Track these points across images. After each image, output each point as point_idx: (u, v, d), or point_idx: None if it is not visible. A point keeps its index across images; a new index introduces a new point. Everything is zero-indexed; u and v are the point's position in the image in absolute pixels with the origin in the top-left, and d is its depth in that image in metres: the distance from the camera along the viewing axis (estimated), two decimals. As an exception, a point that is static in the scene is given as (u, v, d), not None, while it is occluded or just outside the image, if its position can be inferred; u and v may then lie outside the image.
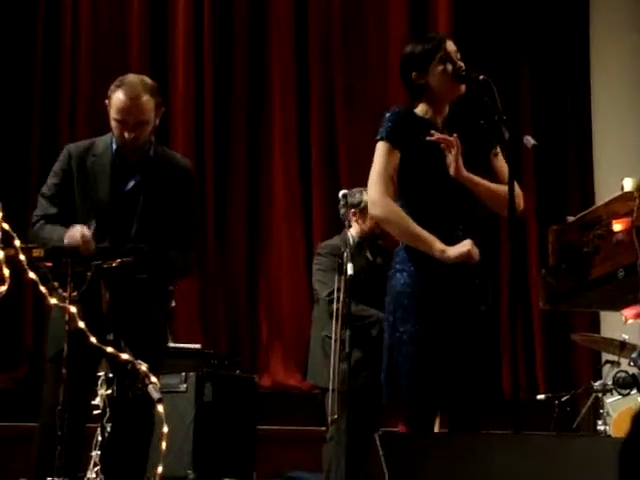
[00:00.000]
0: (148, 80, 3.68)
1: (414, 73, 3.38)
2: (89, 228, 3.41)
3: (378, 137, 3.37)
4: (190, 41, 7.52)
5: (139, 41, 7.45)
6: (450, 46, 3.38)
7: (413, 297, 3.25)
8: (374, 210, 3.36)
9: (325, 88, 7.81)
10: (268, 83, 7.71)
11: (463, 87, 3.35)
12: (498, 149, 3.44)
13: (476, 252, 3.25)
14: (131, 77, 3.66)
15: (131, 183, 3.65)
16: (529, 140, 3.12)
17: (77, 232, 3.39)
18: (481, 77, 3.26)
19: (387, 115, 3.38)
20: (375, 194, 3.32)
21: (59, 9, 7.24)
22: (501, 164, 3.43)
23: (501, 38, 8.18)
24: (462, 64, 3.34)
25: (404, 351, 3.23)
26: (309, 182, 7.67)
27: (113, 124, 3.63)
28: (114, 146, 3.67)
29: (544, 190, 7.87)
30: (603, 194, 6.77)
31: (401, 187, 3.37)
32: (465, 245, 3.23)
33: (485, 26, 8.09)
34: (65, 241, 3.40)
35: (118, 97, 3.58)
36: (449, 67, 3.33)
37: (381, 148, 3.35)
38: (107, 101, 3.63)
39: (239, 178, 7.58)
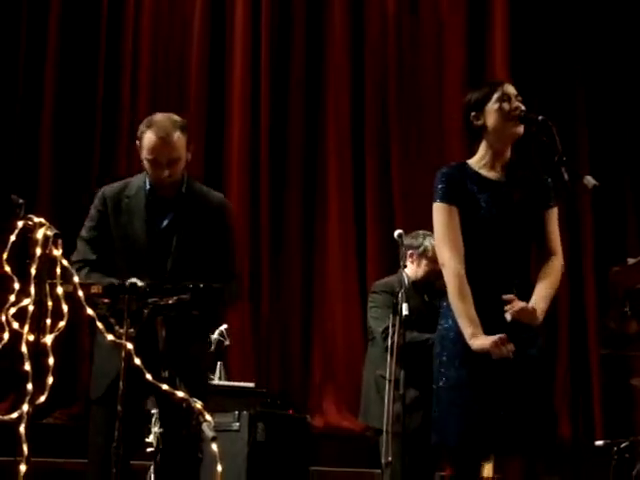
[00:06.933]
0: (176, 117, 3.70)
1: (472, 113, 3.39)
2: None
3: (434, 200, 3.36)
4: (247, 84, 7.61)
5: (197, 86, 7.56)
6: (509, 89, 3.38)
7: (456, 341, 3.22)
8: (443, 270, 3.32)
9: (380, 133, 7.84)
10: (324, 129, 7.77)
11: (521, 128, 3.33)
12: (554, 206, 3.39)
13: (507, 349, 3.13)
14: (159, 116, 3.69)
15: (166, 220, 3.68)
16: (590, 180, 3.07)
17: None
18: (540, 117, 3.24)
19: (437, 176, 3.38)
20: (444, 256, 3.30)
21: (119, 52, 7.39)
22: (553, 227, 3.38)
23: (558, 83, 8.15)
24: (522, 106, 3.34)
25: (449, 395, 3.20)
26: (364, 222, 7.67)
27: (146, 164, 3.66)
28: (147, 185, 3.71)
29: (603, 232, 7.77)
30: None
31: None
32: (490, 339, 3.14)
33: (542, 71, 8.06)
34: None
35: (149, 137, 3.61)
36: (505, 106, 3.33)
37: (438, 210, 3.34)
38: (137, 142, 3.66)
39: (293, 218, 7.61)
